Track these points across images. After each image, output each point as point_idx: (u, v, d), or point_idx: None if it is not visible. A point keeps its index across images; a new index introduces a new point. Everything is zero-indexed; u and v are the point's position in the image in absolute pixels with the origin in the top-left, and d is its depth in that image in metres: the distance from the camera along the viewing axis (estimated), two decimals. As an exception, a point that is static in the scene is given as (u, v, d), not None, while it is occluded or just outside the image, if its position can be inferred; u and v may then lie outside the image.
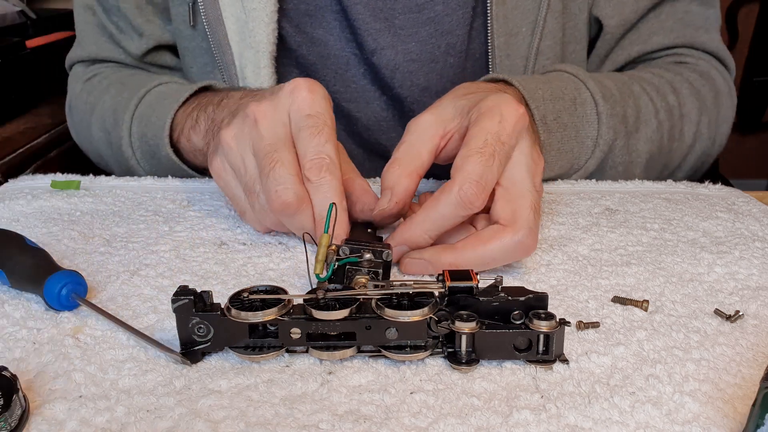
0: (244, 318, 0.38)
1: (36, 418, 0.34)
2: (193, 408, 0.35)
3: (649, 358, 0.40)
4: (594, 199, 0.65)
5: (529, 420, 0.35)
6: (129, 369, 0.39)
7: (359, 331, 0.39)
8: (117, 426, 0.34)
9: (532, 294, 0.39)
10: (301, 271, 0.50)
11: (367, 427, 0.34)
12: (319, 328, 0.39)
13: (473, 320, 0.38)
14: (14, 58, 1.17)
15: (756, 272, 0.50)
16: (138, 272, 0.50)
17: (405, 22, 0.73)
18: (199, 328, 0.39)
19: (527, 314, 0.39)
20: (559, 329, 0.38)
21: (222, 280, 0.49)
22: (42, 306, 0.45)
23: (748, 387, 0.37)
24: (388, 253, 0.44)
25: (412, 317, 0.38)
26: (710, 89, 0.76)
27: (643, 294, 0.47)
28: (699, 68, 0.77)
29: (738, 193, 0.67)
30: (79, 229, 0.57)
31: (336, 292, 0.40)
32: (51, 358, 0.39)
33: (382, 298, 0.39)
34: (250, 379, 0.38)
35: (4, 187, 0.68)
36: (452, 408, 0.36)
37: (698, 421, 0.34)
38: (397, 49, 0.74)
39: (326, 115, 0.50)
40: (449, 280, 0.40)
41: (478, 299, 0.39)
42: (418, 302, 0.39)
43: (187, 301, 0.38)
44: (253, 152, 0.51)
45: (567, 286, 0.48)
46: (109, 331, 0.42)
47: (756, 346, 0.41)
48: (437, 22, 0.74)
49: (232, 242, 0.55)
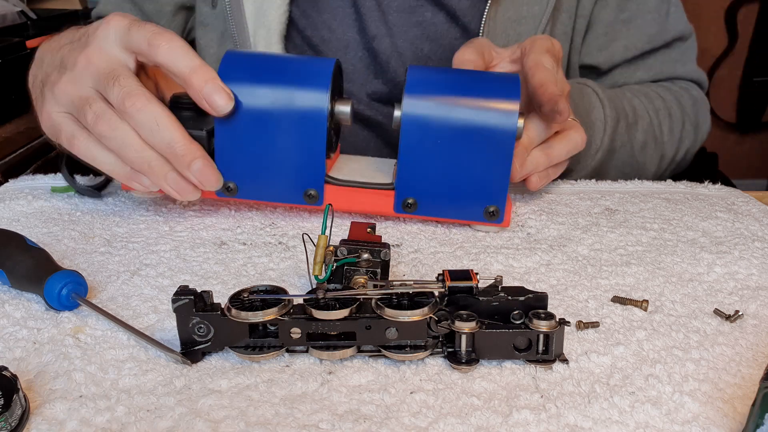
0: (244, 318, 0.38)
1: (36, 418, 0.34)
2: (194, 408, 0.35)
3: (648, 357, 0.40)
4: (594, 199, 0.65)
5: (529, 420, 0.35)
6: (129, 369, 0.39)
7: (359, 331, 0.39)
8: (117, 426, 0.34)
9: (531, 294, 0.39)
10: (301, 271, 0.50)
11: (367, 426, 0.34)
12: (319, 328, 0.39)
13: (473, 320, 0.38)
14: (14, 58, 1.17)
15: (756, 272, 0.50)
16: (138, 272, 0.50)
17: (397, 20, 0.78)
18: (200, 327, 0.39)
19: (527, 314, 0.39)
20: (558, 329, 0.38)
21: (222, 280, 0.49)
22: (42, 306, 0.45)
23: (747, 387, 0.37)
24: (386, 253, 0.44)
25: (412, 317, 0.38)
26: (689, 97, 0.85)
27: (643, 294, 0.47)
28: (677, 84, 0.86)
29: (738, 193, 0.67)
30: (80, 229, 0.57)
31: (336, 292, 0.40)
32: (51, 358, 0.39)
33: (382, 298, 0.39)
34: (250, 379, 0.38)
35: (4, 187, 0.68)
36: (452, 408, 0.36)
37: (698, 421, 0.34)
38: (391, 41, 0.78)
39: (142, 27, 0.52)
40: (449, 280, 0.40)
41: (477, 299, 0.39)
42: (418, 302, 0.39)
43: (187, 301, 0.38)
44: (93, 83, 0.52)
45: (567, 286, 0.48)
46: (110, 330, 0.42)
47: (756, 346, 0.41)
48: (424, 27, 0.78)
49: (232, 242, 0.55)
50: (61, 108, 0.54)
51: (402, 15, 0.77)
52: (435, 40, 0.78)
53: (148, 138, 0.52)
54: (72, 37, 0.57)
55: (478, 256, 0.53)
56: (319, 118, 0.54)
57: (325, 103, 0.54)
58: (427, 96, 0.54)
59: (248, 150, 0.55)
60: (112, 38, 0.53)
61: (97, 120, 0.51)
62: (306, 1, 0.79)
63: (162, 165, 0.53)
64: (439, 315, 0.39)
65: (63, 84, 0.53)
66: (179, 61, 0.51)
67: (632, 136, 0.76)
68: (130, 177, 0.54)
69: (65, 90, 0.53)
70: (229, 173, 0.56)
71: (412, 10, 0.77)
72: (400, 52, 0.78)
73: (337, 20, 0.79)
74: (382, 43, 0.78)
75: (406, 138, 0.54)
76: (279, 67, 0.56)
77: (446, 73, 0.58)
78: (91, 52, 0.53)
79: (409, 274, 0.50)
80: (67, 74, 0.53)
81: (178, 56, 0.52)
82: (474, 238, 0.56)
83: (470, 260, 0.52)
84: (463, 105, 0.53)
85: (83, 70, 0.53)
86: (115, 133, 0.52)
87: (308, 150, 0.55)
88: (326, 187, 0.57)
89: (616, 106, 0.74)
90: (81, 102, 0.52)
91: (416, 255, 0.53)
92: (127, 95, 0.51)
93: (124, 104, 0.51)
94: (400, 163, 0.55)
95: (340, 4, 0.78)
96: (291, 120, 0.54)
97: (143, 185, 0.54)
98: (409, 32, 0.78)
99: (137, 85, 0.52)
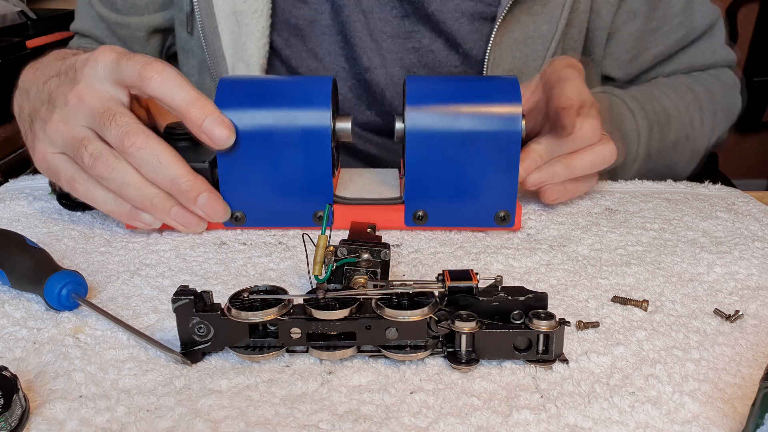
0: (245, 318, 0.38)
1: (36, 418, 0.34)
2: (193, 408, 0.35)
3: (648, 357, 0.40)
4: (594, 199, 0.65)
5: (529, 420, 0.35)
6: (129, 369, 0.39)
7: (359, 331, 0.39)
8: (117, 426, 0.34)
9: (531, 294, 0.39)
10: (301, 271, 0.50)
11: (367, 426, 0.34)
12: (319, 328, 0.39)
13: (473, 320, 0.38)
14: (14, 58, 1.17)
15: (756, 272, 0.50)
16: (138, 272, 0.50)
17: (392, 46, 0.74)
18: (200, 328, 0.39)
19: (527, 314, 0.39)
20: (558, 329, 0.38)
21: (222, 280, 0.49)
22: (42, 306, 0.45)
23: (747, 387, 0.37)
24: (386, 253, 0.44)
25: (411, 317, 0.38)
26: (719, 84, 0.81)
27: (643, 294, 0.47)
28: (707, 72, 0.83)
29: (738, 193, 0.67)
30: (80, 229, 0.57)
31: (336, 292, 0.40)
32: (51, 358, 0.39)
33: (381, 298, 0.39)
34: (250, 379, 0.38)
35: (4, 187, 0.68)
36: (452, 408, 0.36)
37: (698, 421, 0.34)
38: (386, 70, 0.75)
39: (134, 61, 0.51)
40: (449, 280, 0.40)
41: (477, 299, 0.39)
42: (418, 302, 0.39)
43: (187, 301, 0.38)
44: (87, 121, 0.51)
45: (567, 286, 0.48)
46: (110, 330, 0.42)
47: (756, 346, 0.41)
48: (421, 53, 0.75)
49: (232, 242, 0.55)
50: (55, 149, 0.53)
51: (396, 41, 0.74)
52: (433, 68, 0.75)
53: (150, 176, 0.51)
54: (58, 69, 0.55)
55: (478, 256, 0.53)
56: (323, 137, 0.53)
57: (327, 121, 0.53)
58: (429, 106, 0.53)
59: (253, 177, 0.54)
60: (101, 74, 0.51)
61: (94, 162, 0.50)
62: (289, 29, 0.75)
63: (165, 200, 0.52)
64: (439, 315, 0.39)
65: (55, 123, 0.52)
66: (174, 94, 0.50)
67: (665, 138, 0.74)
68: (131, 216, 0.53)
69: (58, 129, 0.52)
70: (235, 203, 0.55)
71: (407, 35, 0.74)
72: (396, 82, 0.75)
73: (324, 48, 0.75)
74: (375, 75, 0.75)
75: (411, 150, 0.54)
76: (276, 90, 0.55)
77: (445, 81, 0.58)
78: (82, 90, 0.51)
79: (409, 274, 0.50)
80: (57, 112, 0.52)
81: (172, 89, 0.50)
82: (474, 238, 0.56)
83: (470, 260, 0.52)
84: (466, 112, 0.53)
85: (75, 108, 0.51)
86: (114, 174, 0.50)
87: (314, 170, 0.54)
88: (335, 207, 0.56)
89: (647, 112, 0.72)
90: (76, 143, 0.51)
91: (416, 255, 0.53)
92: (126, 135, 0.49)
93: (124, 144, 0.49)
94: (408, 176, 0.55)
95: (326, 31, 0.75)
96: (294, 142, 0.53)
97: (145, 222, 0.53)
98: (405, 59, 0.75)
99: (135, 123, 0.50)
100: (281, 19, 0.74)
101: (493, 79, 0.59)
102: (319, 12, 0.74)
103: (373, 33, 0.74)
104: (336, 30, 0.74)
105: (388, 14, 0.73)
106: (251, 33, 0.71)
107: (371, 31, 0.74)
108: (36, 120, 0.54)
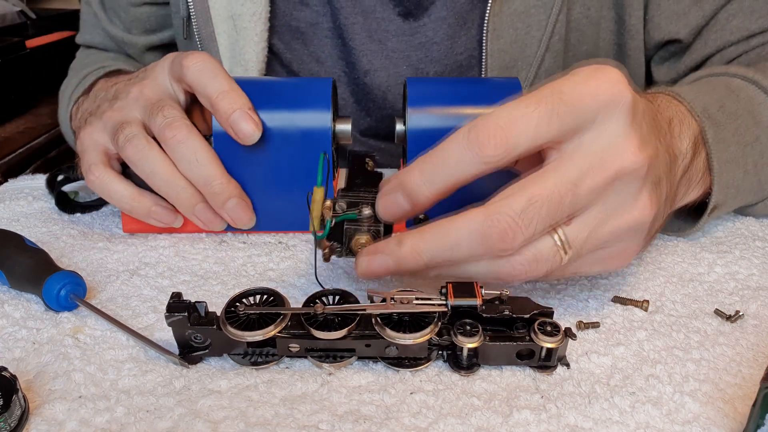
0: (241, 337, 0.37)
1: (36, 418, 0.34)
2: (193, 408, 0.35)
3: (649, 358, 0.40)
4: (594, 198, 0.65)
5: (529, 420, 0.35)
6: (129, 369, 0.38)
7: (358, 347, 0.38)
8: (117, 426, 0.34)
9: (537, 310, 0.38)
10: (301, 271, 0.50)
11: (367, 427, 0.34)
12: (318, 345, 0.38)
13: (476, 335, 0.37)
14: (14, 58, 1.17)
15: (756, 272, 0.50)
16: (137, 272, 0.50)
17: (397, 45, 0.73)
18: (196, 336, 0.39)
19: (532, 324, 0.38)
20: (563, 343, 0.38)
21: (221, 280, 0.49)
22: (42, 306, 0.45)
23: (748, 387, 0.37)
24: None
25: (413, 339, 0.37)
26: None
27: (643, 294, 0.47)
28: None
29: (738, 193, 0.67)
30: (79, 229, 0.57)
31: (335, 307, 0.39)
32: (51, 358, 0.39)
33: (382, 315, 0.38)
34: (250, 380, 0.38)
35: (4, 187, 0.68)
36: (452, 408, 0.35)
37: (698, 421, 0.34)
38: (389, 72, 0.74)
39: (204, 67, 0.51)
40: (452, 297, 0.39)
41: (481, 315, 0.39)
42: (420, 322, 0.38)
43: (181, 317, 0.38)
44: (140, 111, 0.52)
45: (567, 286, 0.48)
46: (109, 331, 0.42)
47: (756, 346, 0.41)
48: (428, 48, 0.73)
49: (232, 241, 0.55)
50: (102, 131, 0.53)
51: (402, 39, 0.72)
52: (438, 60, 0.73)
53: (185, 171, 0.51)
54: (131, 76, 0.57)
55: (478, 256, 0.53)
56: (323, 139, 0.53)
57: (327, 122, 0.53)
58: (430, 107, 0.53)
59: (255, 181, 0.54)
60: (166, 71, 0.53)
61: (126, 144, 0.50)
62: (290, 32, 0.73)
63: (191, 196, 0.52)
64: (440, 331, 0.38)
65: (112, 111, 0.53)
66: (207, 83, 0.50)
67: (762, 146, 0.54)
68: (149, 214, 0.53)
69: (111, 116, 0.53)
70: None
71: (413, 30, 0.71)
72: (401, 83, 0.73)
73: (326, 52, 0.74)
74: (376, 78, 0.73)
75: (412, 151, 0.53)
76: (276, 91, 0.54)
77: (446, 82, 0.57)
78: (145, 84, 0.53)
79: (410, 279, 0.50)
80: (117, 103, 0.53)
81: (205, 77, 0.50)
82: (474, 238, 0.56)
83: (470, 260, 0.52)
84: (467, 113, 0.53)
85: (134, 99, 0.53)
86: (143, 160, 0.50)
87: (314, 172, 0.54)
88: None
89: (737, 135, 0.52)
90: (117, 125, 0.52)
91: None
92: (169, 126, 0.50)
93: (165, 134, 0.50)
94: None
95: (327, 34, 0.73)
96: (295, 144, 0.53)
97: (165, 222, 0.53)
98: (412, 56, 0.72)
99: (181, 116, 0.50)
100: (282, 22, 0.73)
101: (495, 81, 0.58)
102: (320, 15, 0.73)
103: (374, 34, 0.72)
104: (336, 33, 0.74)
105: (391, 13, 0.72)
106: (249, 37, 0.71)
107: (372, 33, 0.73)
108: (95, 113, 0.56)
